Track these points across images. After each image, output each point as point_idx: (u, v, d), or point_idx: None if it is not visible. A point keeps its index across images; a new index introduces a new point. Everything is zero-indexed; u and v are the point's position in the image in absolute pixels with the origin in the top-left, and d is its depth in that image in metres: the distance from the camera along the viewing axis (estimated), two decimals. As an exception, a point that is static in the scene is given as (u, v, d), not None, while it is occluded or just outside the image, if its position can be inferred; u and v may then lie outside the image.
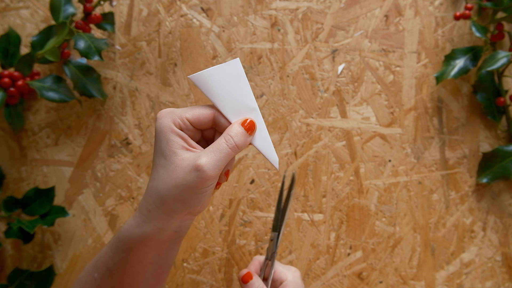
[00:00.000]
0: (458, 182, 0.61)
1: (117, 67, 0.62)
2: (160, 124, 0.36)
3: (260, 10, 0.62)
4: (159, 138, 0.36)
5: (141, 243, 0.38)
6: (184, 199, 0.36)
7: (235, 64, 0.37)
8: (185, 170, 0.35)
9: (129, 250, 0.38)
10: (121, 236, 0.38)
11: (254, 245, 0.59)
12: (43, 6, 0.62)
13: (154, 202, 0.36)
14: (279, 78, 0.61)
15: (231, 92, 0.37)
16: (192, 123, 0.36)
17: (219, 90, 0.37)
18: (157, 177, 0.36)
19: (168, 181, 0.35)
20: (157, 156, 0.37)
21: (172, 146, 0.36)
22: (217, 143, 0.36)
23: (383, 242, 0.60)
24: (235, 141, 0.36)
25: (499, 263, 0.60)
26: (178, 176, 0.35)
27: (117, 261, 0.39)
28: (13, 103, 0.57)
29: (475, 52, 0.59)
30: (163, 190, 0.36)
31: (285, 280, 0.46)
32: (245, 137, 0.37)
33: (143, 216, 0.37)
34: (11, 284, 0.55)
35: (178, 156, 0.35)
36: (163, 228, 0.37)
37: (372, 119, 0.61)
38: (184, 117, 0.36)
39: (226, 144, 0.36)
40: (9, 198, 0.57)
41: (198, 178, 0.35)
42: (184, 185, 0.35)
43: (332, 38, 0.61)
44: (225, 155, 0.36)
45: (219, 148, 0.36)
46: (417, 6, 0.61)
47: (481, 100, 0.59)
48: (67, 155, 0.61)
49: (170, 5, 0.62)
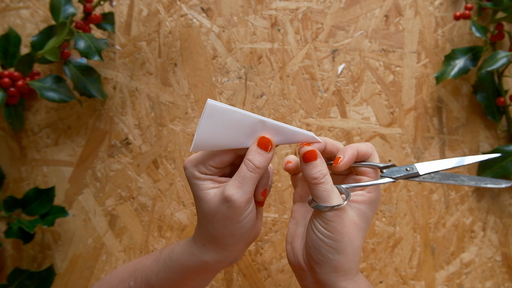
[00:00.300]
0: (458, 182, 0.61)
1: (117, 67, 0.62)
2: (187, 174, 0.38)
3: (260, 10, 0.62)
4: (192, 187, 0.38)
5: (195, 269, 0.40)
6: (230, 231, 0.37)
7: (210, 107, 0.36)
8: (218, 204, 0.36)
9: (179, 272, 0.40)
10: (174, 257, 0.40)
11: (254, 245, 0.59)
12: (43, 6, 0.62)
13: (206, 238, 0.39)
14: (279, 78, 0.61)
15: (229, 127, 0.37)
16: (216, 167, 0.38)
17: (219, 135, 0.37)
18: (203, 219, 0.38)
19: (210, 219, 0.37)
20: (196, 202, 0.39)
21: (201, 189, 0.37)
22: (239, 170, 0.37)
23: (383, 242, 0.60)
24: (254, 163, 0.36)
25: (499, 263, 0.60)
26: (214, 212, 0.37)
27: (161, 278, 0.41)
28: (13, 103, 0.57)
29: (475, 52, 0.59)
30: (210, 228, 0.38)
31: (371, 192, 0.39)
32: (263, 156, 0.37)
33: (198, 247, 0.39)
34: (11, 284, 0.55)
35: (208, 195, 0.37)
36: (220, 260, 0.39)
37: (372, 119, 0.61)
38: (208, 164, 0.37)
39: (247, 169, 0.36)
40: (9, 198, 0.57)
41: (230, 208, 0.36)
42: (221, 219, 0.36)
43: (332, 38, 0.61)
44: (249, 180, 0.36)
45: (241, 175, 0.36)
46: (417, 6, 0.61)
47: (481, 100, 0.59)
48: (67, 155, 0.61)
49: (170, 5, 0.62)
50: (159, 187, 0.60)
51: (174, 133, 0.61)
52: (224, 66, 0.61)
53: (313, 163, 0.37)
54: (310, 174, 0.37)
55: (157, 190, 0.60)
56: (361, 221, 0.38)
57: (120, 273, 0.44)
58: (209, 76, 0.61)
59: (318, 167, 0.37)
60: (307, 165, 0.37)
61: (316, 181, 0.36)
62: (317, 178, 0.36)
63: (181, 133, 0.61)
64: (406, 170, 0.40)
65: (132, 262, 0.44)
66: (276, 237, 0.59)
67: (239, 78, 0.61)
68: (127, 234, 0.60)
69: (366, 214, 0.39)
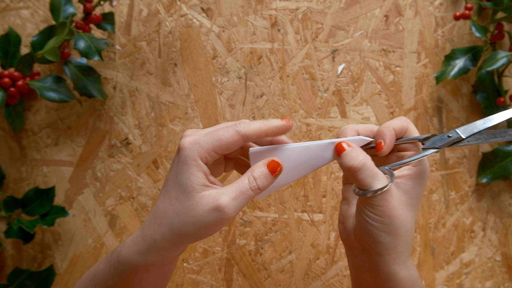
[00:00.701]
0: (458, 182, 0.61)
1: (117, 67, 0.62)
2: (186, 156, 0.34)
3: (260, 10, 0.62)
4: (181, 170, 0.35)
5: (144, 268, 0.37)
6: (198, 235, 0.35)
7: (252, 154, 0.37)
8: (205, 209, 0.34)
9: (130, 274, 0.37)
10: (122, 259, 0.37)
11: (254, 245, 0.59)
12: (43, 6, 0.62)
13: (162, 233, 0.35)
14: (279, 78, 0.61)
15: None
16: (219, 153, 0.35)
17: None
18: (170, 210, 0.35)
19: (184, 217, 0.34)
20: (174, 188, 0.35)
21: (193, 182, 0.34)
22: (240, 183, 0.35)
23: (383, 242, 0.60)
24: (258, 183, 0.35)
25: (499, 263, 0.60)
26: (196, 214, 0.34)
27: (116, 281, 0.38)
28: (13, 103, 0.57)
29: (475, 52, 0.59)
30: (177, 225, 0.34)
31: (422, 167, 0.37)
32: (269, 179, 0.36)
33: (146, 244, 0.36)
34: (11, 284, 0.55)
35: (198, 193, 0.34)
36: (168, 256, 0.37)
37: (372, 119, 0.61)
38: (212, 150, 0.34)
39: (249, 186, 0.35)
40: (9, 198, 0.57)
41: (217, 218, 0.34)
42: (201, 224, 0.34)
43: (332, 38, 0.61)
44: (246, 197, 0.34)
45: (241, 190, 0.34)
46: (417, 6, 0.61)
47: (481, 100, 0.59)
48: (67, 155, 0.61)
49: (170, 5, 0.62)
50: (159, 187, 0.60)
51: (174, 133, 0.61)
52: (224, 66, 0.61)
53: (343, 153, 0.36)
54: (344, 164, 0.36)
55: (157, 190, 0.60)
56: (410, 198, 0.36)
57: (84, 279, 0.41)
58: (209, 76, 0.61)
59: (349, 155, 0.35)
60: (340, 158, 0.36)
61: (352, 170, 0.35)
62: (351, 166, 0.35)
63: (181, 133, 0.61)
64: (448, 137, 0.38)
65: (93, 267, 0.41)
66: (276, 237, 0.59)
67: (239, 78, 0.61)
68: (127, 234, 0.60)
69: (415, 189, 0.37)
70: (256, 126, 0.35)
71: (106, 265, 0.39)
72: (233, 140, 0.35)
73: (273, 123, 0.36)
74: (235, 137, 0.35)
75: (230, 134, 0.35)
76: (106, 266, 0.39)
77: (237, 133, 0.35)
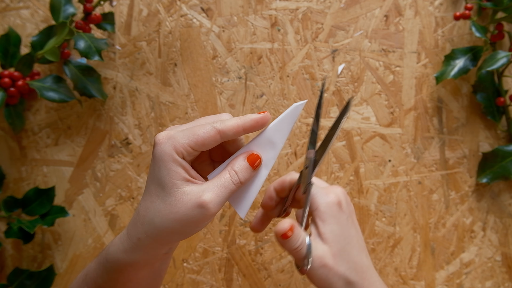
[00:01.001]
0: (458, 182, 0.61)
1: (117, 67, 0.62)
2: (161, 151, 0.34)
3: (260, 10, 0.62)
4: (158, 166, 0.34)
5: (130, 266, 0.36)
6: (183, 232, 0.34)
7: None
8: (188, 206, 0.33)
9: (118, 271, 0.37)
10: (109, 258, 0.37)
11: (254, 245, 0.59)
12: (43, 6, 0.62)
13: (145, 231, 0.35)
14: (279, 78, 0.61)
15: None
16: (196, 149, 0.34)
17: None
18: (151, 207, 0.34)
19: (166, 214, 0.33)
20: (154, 185, 0.34)
21: (173, 177, 0.33)
22: (222, 178, 0.35)
23: (383, 242, 0.60)
24: (239, 177, 0.35)
25: (499, 263, 0.60)
26: (179, 210, 0.33)
27: (106, 280, 0.38)
28: (13, 103, 0.57)
29: (475, 52, 0.59)
30: (159, 222, 0.34)
31: (315, 210, 0.38)
32: (250, 172, 0.36)
33: (131, 243, 0.35)
34: (11, 284, 0.55)
35: (179, 189, 0.33)
36: (153, 254, 0.36)
37: (372, 119, 0.61)
38: (188, 145, 0.34)
39: (231, 180, 0.35)
40: (9, 198, 0.57)
41: (202, 214, 0.33)
42: (185, 220, 0.33)
43: (332, 38, 0.61)
44: (229, 191, 0.35)
45: (224, 184, 0.34)
46: (417, 6, 0.61)
47: (481, 100, 0.59)
48: (67, 155, 0.61)
49: (170, 5, 0.62)
50: (159, 187, 0.60)
51: (174, 133, 0.61)
52: (224, 66, 0.61)
53: (290, 238, 0.36)
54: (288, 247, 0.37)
55: (157, 190, 0.60)
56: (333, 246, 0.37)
57: (78, 278, 0.41)
58: (209, 76, 0.61)
59: (297, 238, 0.36)
60: (286, 241, 0.36)
61: (295, 251, 0.36)
62: (296, 248, 0.36)
63: (181, 133, 0.61)
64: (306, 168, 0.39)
65: (86, 267, 0.41)
66: (276, 237, 0.59)
67: (239, 78, 0.61)
68: (127, 234, 0.60)
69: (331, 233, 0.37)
70: (233, 122, 0.35)
71: (96, 264, 0.39)
72: (209, 136, 0.34)
73: (250, 118, 0.35)
74: (212, 133, 0.34)
75: (207, 130, 0.34)
76: (96, 265, 0.39)
77: (214, 129, 0.34)
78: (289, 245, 0.36)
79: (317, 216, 0.37)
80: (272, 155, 0.37)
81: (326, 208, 0.37)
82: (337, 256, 0.36)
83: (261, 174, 0.37)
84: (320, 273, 0.36)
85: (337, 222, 0.37)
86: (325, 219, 0.37)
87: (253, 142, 0.37)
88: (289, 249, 0.36)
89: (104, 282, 0.38)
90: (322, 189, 0.39)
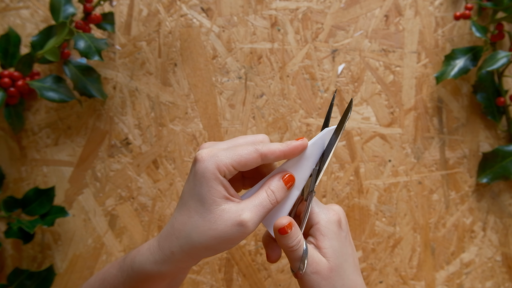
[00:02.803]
0: (458, 182, 0.61)
1: (117, 67, 0.62)
2: (204, 168, 0.34)
3: (260, 10, 0.62)
4: (200, 182, 0.35)
5: (158, 277, 0.37)
6: (217, 249, 0.35)
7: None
8: (227, 224, 0.34)
9: (143, 281, 0.37)
10: (136, 267, 0.37)
11: (254, 245, 0.59)
12: (43, 6, 0.62)
13: (180, 245, 0.35)
14: (279, 78, 0.61)
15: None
16: (237, 169, 0.35)
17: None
18: (189, 222, 0.35)
19: (205, 230, 0.34)
20: (193, 200, 0.35)
21: (214, 195, 0.34)
22: (260, 197, 0.36)
23: (383, 242, 0.60)
24: (276, 196, 0.36)
25: (499, 263, 0.60)
26: (218, 228, 0.34)
27: (128, 287, 0.38)
28: (13, 103, 0.57)
29: (475, 52, 0.59)
30: (196, 238, 0.34)
31: (316, 224, 0.38)
32: (285, 192, 0.37)
33: (163, 255, 0.36)
34: (11, 284, 0.55)
35: (219, 207, 0.34)
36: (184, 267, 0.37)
37: (372, 119, 0.61)
38: (230, 164, 0.35)
39: (269, 200, 0.36)
40: (9, 198, 0.57)
41: (240, 233, 0.34)
42: (223, 238, 0.34)
43: (332, 38, 0.61)
44: (266, 210, 0.36)
45: (262, 204, 0.35)
46: (417, 6, 0.61)
47: (481, 100, 0.59)
48: (67, 155, 0.61)
49: (170, 5, 0.62)
50: (159, 187, 0.60)
51: (174, 133, 0.61)
52: (224, 66, 0.61)
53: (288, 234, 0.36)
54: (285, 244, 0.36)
55: (157, 190, 0.60)
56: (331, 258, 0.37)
57: (92, 282, 0.41)
58: (209, 76, 0.61)
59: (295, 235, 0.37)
60: (284, 237, 0.36)
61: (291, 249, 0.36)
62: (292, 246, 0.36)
63: (181, 133, 0.61)
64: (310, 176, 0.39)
65: (102, 271, 0.42)
66: (276, 237, 0.59)
67: (239, 78, 0.61)
68: (127, 234, 0.60)
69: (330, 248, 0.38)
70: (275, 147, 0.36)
71: (118, 271, 0.39)
72: (252, 158, 0.35)
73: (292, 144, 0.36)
74: (254, 155, 0.35)
75: (250, 151, 0.35)
76: (118, 272, 0.39)
77: (257, 152, 0.35)
78: (286, 242, 0.36)
79: (318, 230, 0.38)
80: (303, 177, 0.38)
81: (327, 224, 0.38)
82: (334, 271, 0.37)
83: (293, 194, 0.38)
84: (313, 279, 0.36)
85: (337, 239, 0.38)
86: (325, 234, 0.38)
87: (287, 164, 0.38)
88: (286, 246, 0.37)
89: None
90: (323, 206, 0.40)
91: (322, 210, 0.39)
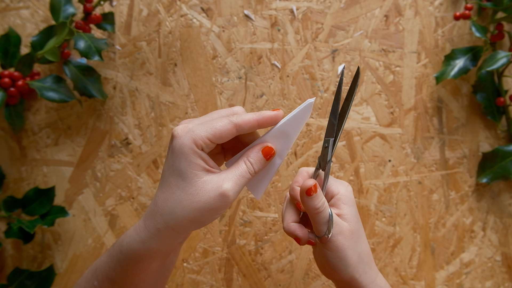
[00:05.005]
0: (458, 182, 0.61)
1: (117, 67, 0.62)
2: (180, 144, 0.35)
3: (260, 10, 0.62)
4: (178, 158, 0.35)
5: (146, 256, 0.37)
6: (202, 220, 0.36)
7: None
8: (210, 195, 0.35)
9: (133, 262, 0.38)
10: (124, 249, 0.38)
11: (254, 245, 0.59)
12: (43, 6, 0.62)
13: (165, 221, 0.36)
14: (279, 78, 0.61)
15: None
16: (213, 141, 0.36)
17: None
18: (171, 198, 0.36)
19: (188, 204, 0.35)
20: (173, 176, 0.36)
21: (193, 168, 0.35)
22: (239, 168, 0.37)
23: (383, 242, 0.60)
24: (254, 167, 0.37)
25: (499, 263, 0.60)
26: (201, 199, 0.35)
27: (119, 271, 0.39)
28: (13, 103, 0.57)
29: (475, 52, 0.59)
30: (180, 212, 0.35)
31: (337, 194, 0.41)
32: (263, 163, 0.38)
33: (149, 233, 0.36)
34: (11, 284, 0.55)
35: (200, 179, 0.35)
36: (170, 243, 0.37)
37: (372, 119, 0.61)
38: (206, 137, 0.35)
39: (247, 170, 0.37)
40: (9, 198, 0.57)
41: (223, 202, 0.35)
42: (206, 209, 0.35)
43: (332, 38, 0.61)
44: (246, 180, 0.37)
45: (242, 174, 0.37)
46: (417, 6, 0.61)
47: (481, 100, 0.59)
48: (67, 155, 0.61)
49: (170, 5, 0.62)
50: (159, 187, 0.60)
51: (174, 133, 0.61)
52: (224, 66, 0.61)
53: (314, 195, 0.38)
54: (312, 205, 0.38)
55: (157, 190, 0.60)
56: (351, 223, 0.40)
57: (86, 274, 0.42)
58: (209, 76, 0.61)
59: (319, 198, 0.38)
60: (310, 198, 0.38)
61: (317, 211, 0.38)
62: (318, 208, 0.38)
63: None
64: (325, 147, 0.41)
65: (95, 262, 0.42)
66: (276, 237, 0.59)
67: (239, 78, 0.61)
68: (127, 234, 0.60)
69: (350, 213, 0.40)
70: (249, 117, 0.37)
71: (107, 258, 0.40)
72: (227, 129, 0.36)
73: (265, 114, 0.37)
74: (229, 126, 0.36)
75: (224, 123, 0.36)
76: (107, 259, 0.40)
77: (231, 123, 0.36)
78: (312, 203, 0.38)
79: (339, 200, 0.41)
80: (285, 146, 0.39)
81: (347, 193, 0.41)
82: (354, 233, 0.40)
83: (275, 163, 0.40)
84: (338, 239, 0.39)
85: (355, 206, 0.41)
86: (346, 202, 0.41)
87: (268, 135, 0.39)
88: (313, 207, 0.38)
89: (116, 275, 0.39)
90: (337, 180, 0.43)
91: (340, 183, 0.42)
